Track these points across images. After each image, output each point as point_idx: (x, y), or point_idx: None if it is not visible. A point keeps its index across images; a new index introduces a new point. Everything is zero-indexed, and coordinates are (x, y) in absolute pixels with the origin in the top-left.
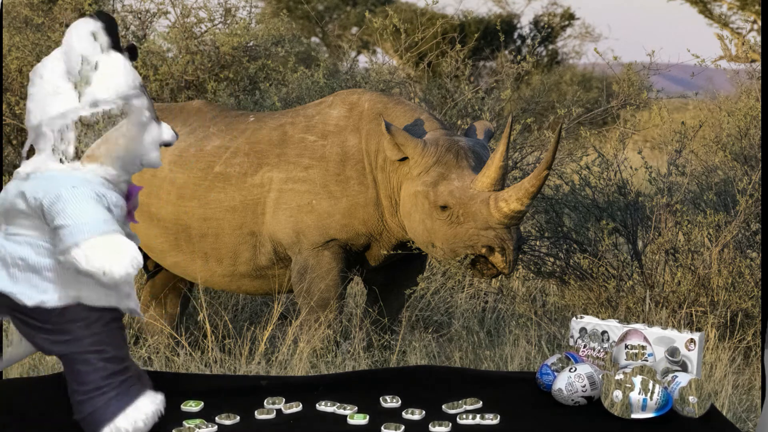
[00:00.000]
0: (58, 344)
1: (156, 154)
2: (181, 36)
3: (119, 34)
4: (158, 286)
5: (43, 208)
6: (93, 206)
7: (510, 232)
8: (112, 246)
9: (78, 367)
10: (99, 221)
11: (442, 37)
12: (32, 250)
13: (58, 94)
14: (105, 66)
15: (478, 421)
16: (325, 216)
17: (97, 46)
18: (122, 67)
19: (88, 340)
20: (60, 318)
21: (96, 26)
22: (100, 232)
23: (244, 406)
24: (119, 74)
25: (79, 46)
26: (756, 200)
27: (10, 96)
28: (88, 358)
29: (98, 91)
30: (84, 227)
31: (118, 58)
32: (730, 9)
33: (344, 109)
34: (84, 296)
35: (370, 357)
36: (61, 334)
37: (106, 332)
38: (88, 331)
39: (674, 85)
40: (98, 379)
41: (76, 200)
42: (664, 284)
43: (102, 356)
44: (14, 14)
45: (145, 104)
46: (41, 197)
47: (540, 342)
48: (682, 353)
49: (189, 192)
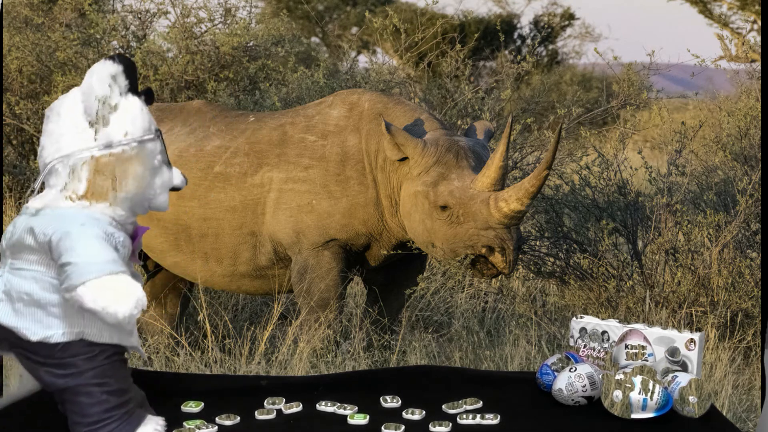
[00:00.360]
0: (62, 378)
1: (164, 198)
2: (181, 36)
3: (137, 78)
4: (158, 286)
5: (51, 244)
6: (101, 245)
7: (510, 232)
8: (118, 287)
9: (80, 399)
10: (107, 261)
11: (442, 37)
12: (37, 285)
13: (74, 133)
14: (122, 109)
15: (478, 421)
16: (325, 216)
17: (116, 89)
18: (139, 111)
19: (91, 372)
20: (63, 353)
21: (116, 69)
22: (108, 272)
23: (244, 406)
24: (136, 118)
25: (99, 87)
26: (756, 200)
27: (10, 96)
28: (91, 390)
29: (114, 133)
30: (92, 266)
31: (135, 102)
32: (730, 9)
33: (344, 109)
34: (87, 332)
35: (370, 357)
36: (64, 367)
37: (108, 365)
38: (91, 364)
39: (674, 85)
40: (100, 411)
41: (84, 238)
42: (664, 284)
43: (104, 389)
44: (14, 14)
45: (158, 149)
46: (50, 233)
47: (540, 342)
48: (682, 353)
49: (189, 192)
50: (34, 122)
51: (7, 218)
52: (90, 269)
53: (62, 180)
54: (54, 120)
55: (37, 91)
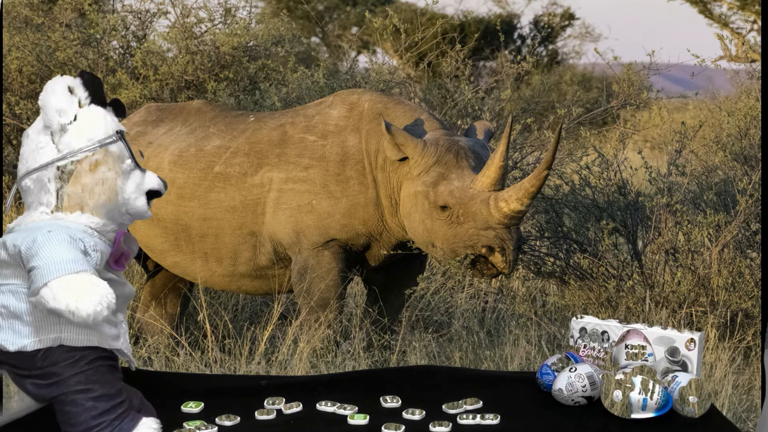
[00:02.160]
0: (46, 388)
1: (141, 203)
2: (181, 36)
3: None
4: (158, 286)
5: (21, 255)
6: (64, 248)
7: (510, 232)
8: (79, 284)
9: (67, 408)
10: (68, 261)
11: (442, 37)
12: (13, 296)
13: (40, 149)
14: (82, 118)
15: (478, 421)
16: (325, 216)
17: (74, 100)
18: (100, 118)
19: (74, 380)
20: (44, 362)
21: (73, 82)
22: (68, 271)
23: (244, 406)
24: (97, 124)
25: (53, 99)
26: (756, 200)
27: (10, 96)
28: (76, 398)
29: (74, 141)
30: (53, 267)
31: (96, 110)
32: (730, 9)
33: (344, 109)
34: (65, 337)
35: (370, 357)
36: (46, 377)
37: (92, 371)
38: (72, 370)
39: (674, 85)
40: (89, 419)
41: (49, 243)
42: (664, 284)
43: (89, 395)
44: (14, 14)
45: (125, 152)
46: (19, 243)
47: (540, 342)
48: (682, 353)
49: (189, 192)
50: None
51: (7, 219)
52: (51, 269)
53: (34, 196)
54: (25, 143)
55: (37, 91)
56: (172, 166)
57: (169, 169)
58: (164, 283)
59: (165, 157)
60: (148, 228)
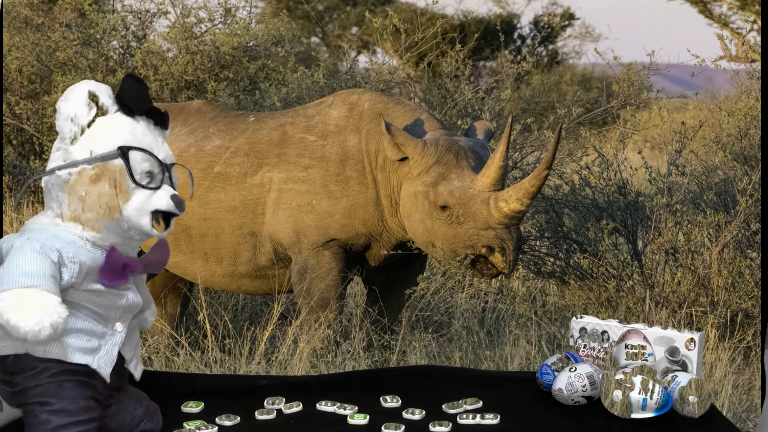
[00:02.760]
0: (13, 396)
1: (144, 221)
2: (181, 36)
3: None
4: (158, 286)
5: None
6: (28, 258)
7: (510, 232)
8: (26, 301)
9: (28, 419)
10: (22, 274)
11: (442, 37)
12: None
13: (54, 152)
14: (95, 128)
15: (478, 421)
16: (325, 216)
17: (90, 108)
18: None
19: (33, 391)
20: (13, 368)
21: (97, 87)
22: (17, 285)
23: (244, 406)
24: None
25: (64, 107)
26: (756, 200)
27: (10, 96)
28: (33, 409)
29: (76, 152)
30: (7, 277)
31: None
32: (730, 9)
33: (344, 109)
34: (29, 347)
35: (370, 357)
36: (12, 385)
37: (52, 384)
38: (33, 381)
39: (674, 85)
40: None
41: (18, 251)
42: (664, 284)
43: (46, 408)
44: (14, 14)
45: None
46: (7, 247)
47: (540, 342)
48: (682, 353)
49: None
50: (34, 122)
51: (7, 218)
52: (4, 280)
53: (47, 198)
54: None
55: (37, 91)
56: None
57: None
58: (164, 283)
59: None
60: None
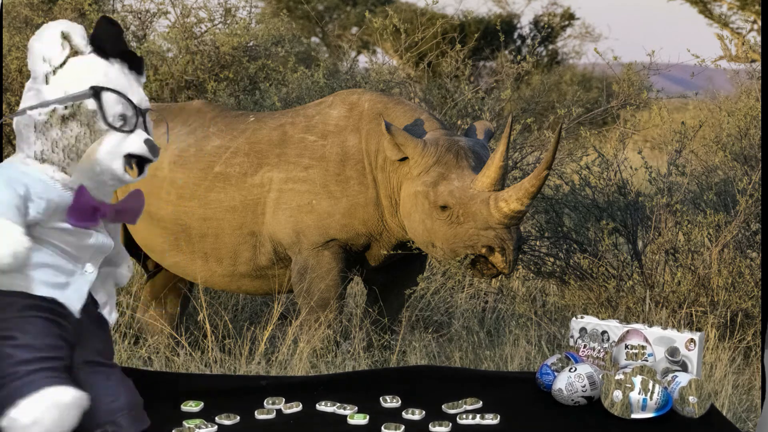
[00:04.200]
0: None
1: (117, 165)
2: (181, 36)
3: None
4: (158, 286)
5: None
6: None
7: (510, 232)
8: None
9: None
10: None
11: (442, 37)
12: None
13: (25, 93)
14: (69, 67)
15: (478, 421)
16: (325, 216)
17: (65, 48)
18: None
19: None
20: None
21: (71, 27)
22: None
23: (244, 406)
24: (81, 78)
25: (38, 46)
26: (756, 200)
27: (10, 96)
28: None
29: (49, 92)
30: None
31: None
32: (730, 9)
33: (344, 109)
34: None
35: (370, 357)
36: None
37: (18, 319)
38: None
39: (674, 85)
40: (5, 366)
41: None
42: (664, 284)
43: (10, 343)
44: (14, 14)
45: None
46: None
47: (540, 342)
48: (682, 353)
49: (189, 192)
50: None
51: None
52: None
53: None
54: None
55: None
56: (171, 166)
57: (168, 169)
58: (164, 283)
59: (165, 158)
60: (148, 228)
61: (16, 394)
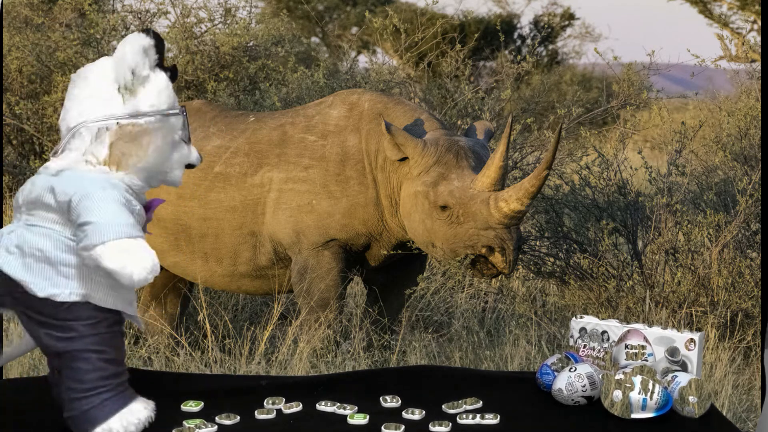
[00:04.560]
0: (62, 341)
1: (179, 173)
2: (181, 36)
3: (164, 54)
4: (158, 286)
5: (70, 204)
6: (120, 209)
7: (510, 232)
8: (136, 250)
9: (78, 365)
10: (127, 225)
11: (442, 37)
12: (51, 242)
13: (103, 99)
14: (151, 81)
15: (478, 421)
16: (325, 216)
17: (146, 62)
18: (165, 86)
19: (91, 338)
20: (67, 314)
21: (149, 42)
22: (126, 235)
23: (244, 406)
24: (162, 92)
25: (131, 58)
26: (756, 200)
27: (10, 96)
28: (89, 356)
29: (141, 104)
30: (112, 227)
31: (162, 77)
32: (730, 9)
33: (344, 109)
34: (93, 296)
35: (370, 357)
36: (65, 330)
37: (109, 334)
38: (93, 330)
39: (674, 85)
40: (96, 378)
41: (105, 201)
42: (664, 284)
43: (102, 356)
44: (14, 14)
45: (179, 124)
46: (71, 193)
47: (540, 342)
48: (682, 353)
49: (189, 192)
50: (34, 122)
51: (7, 218)
52: (110, 230)
53: (85, 144)
54: (80, 85)
55: (37, 91)
56: None
57: None
58: (164, 283)
59: None
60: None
61: (110, 406)
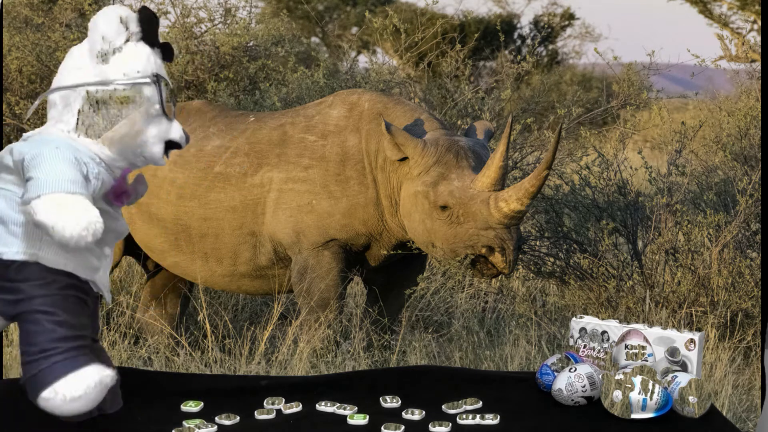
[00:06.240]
0: (12, 304)
1: (158, 149)
2: (181, 36)
3: (157, 32)
4: (158, 286)
5: (23, 163)
6: (66, 166)
7: (510, 232)
8: (71, 205)
9: (27, 326)
10: (66, 180)
11: (442, 37)
12: (5, 202)
13: (78, 69)
14: (126, 52)
15: (478, 421)
16: (325, 216)
17: (123, 32)
18: (143, 57)
19: (40, 300)
20: (17, 275)
21: (128, 14)
22: (64, 190)
23: (244, 406)
24: (137, 62)
25: (103, 25)
26: (756, 200)
27: (10, 96)
28: (38, 318)
29: (111, 72)
30: (50, 182)
31: (142, 48)
32: (730, 9)
33: (344, 109)
34: (42, 256)
35: (370, 357)
36: (15, 293)
37: (59, 296)
38: (41, 291)
39: (674, 85)
40: (45, 341)
41: (52, 159)
42: (664, 284)
43: (51, 318)
44: (14, 14)
45: (156, 97)
46: (25, 152)
47: (540, 342)
48: (682, 353)
49: (189, 192)
50: (34, 122)
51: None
52: (48, 184)
53: (57, 112)
54: (66, 57)
55: (37, 91)
56: (171, 166)
57: (168, 169)
58: (164, 283)
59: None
60: (148, 228)
61: (59, 369)
